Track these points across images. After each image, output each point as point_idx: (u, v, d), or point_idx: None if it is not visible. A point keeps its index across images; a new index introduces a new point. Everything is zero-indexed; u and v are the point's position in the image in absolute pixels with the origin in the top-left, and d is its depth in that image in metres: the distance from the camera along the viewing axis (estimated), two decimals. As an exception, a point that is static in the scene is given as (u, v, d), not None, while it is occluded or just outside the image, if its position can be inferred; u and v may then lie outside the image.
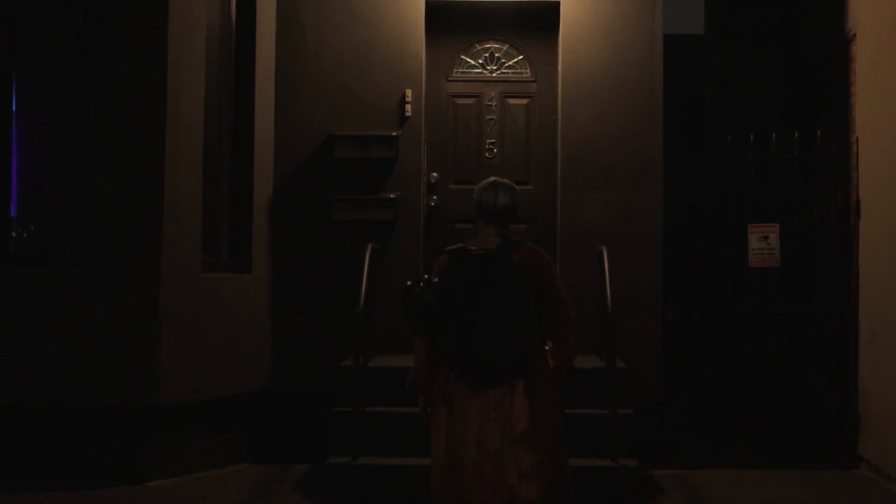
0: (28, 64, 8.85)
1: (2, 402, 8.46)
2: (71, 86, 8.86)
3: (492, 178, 5.91)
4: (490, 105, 10.14)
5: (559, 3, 9.88)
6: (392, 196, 9.75)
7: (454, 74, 10.18)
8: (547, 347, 5.78)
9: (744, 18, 12.74)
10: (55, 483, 8.20)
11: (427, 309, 5.61)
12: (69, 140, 8.88)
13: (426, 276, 5.72)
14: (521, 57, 10.17)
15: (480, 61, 10.18)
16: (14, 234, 8.81)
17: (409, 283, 5.73)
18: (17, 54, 8.79)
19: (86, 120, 8.74)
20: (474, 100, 10.14)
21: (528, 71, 10.17)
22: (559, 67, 9.92)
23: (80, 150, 8.79)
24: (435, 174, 10.01)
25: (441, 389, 5.70)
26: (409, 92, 9.81)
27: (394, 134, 9.80)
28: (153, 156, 8.42)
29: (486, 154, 10.04)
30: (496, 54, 10.18)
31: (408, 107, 9.81)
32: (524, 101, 10.16)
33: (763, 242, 9.79)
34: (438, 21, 10.05)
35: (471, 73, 10.16)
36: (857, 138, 9.47)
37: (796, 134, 9.87)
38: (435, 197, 9.95)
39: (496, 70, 10.15)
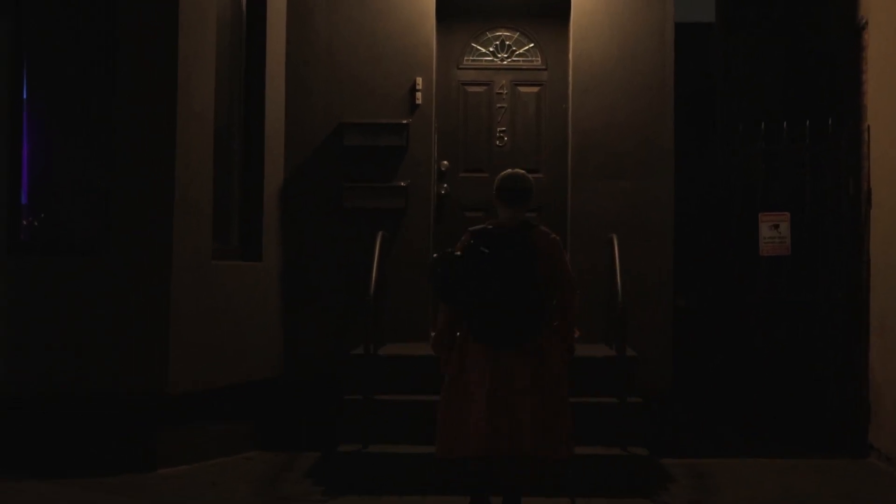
0: (39, 53, 8.84)
1: (12, 390, 8.48)
2: (81, 74, 8.85)
3: (510, 169, 6.85)
4: (501, 93, 10.12)
5: (570, -10, 9.88)
6: (402, 184, 9.75)
7: (465, 62, 10.17)
8: (554, 323, 6.64)
9: (753, 7, 12.69)
10: (66, 472, 8.22)
11: (451, 279, 6.47)
12: (80, 128, 8.87)
13: (450, 250, 6.59)
14: (531, 45, 10.16)
15: (491, 49, 10.17)
16: (25, 223, 8.81)
17: (435, 255, 6.79)
18: (27, 43, 8.78)
19: (97, 108, 8.74)
20: (485, 88, 10.13)
21: (539, 59, 10.15)
22: (570, 55, 9.91)
23: (91, 138, 8.79)
24: (445, 162, 10.01)
25: (459, 349, 6.57)
26: (419, 80, 9.80)
27: (404, 122, 9.80)
28: (164, 144, 8.41)
29: (497, 142, 10.03)
30: (507, 42, 10.16)
31: (418, 95, 9.80)
32: (535, 90, 10.14)
33: (774, 231, 9.78)
34: (449, 9, 10.03)
35: (481, 61, 10.14)
36: (868, 127, 9.45)
37: (807, 123, 9.85)
38: (445, 185, 9.95)
39: (507, 58, 10.13)
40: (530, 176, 6.83)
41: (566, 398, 6.70)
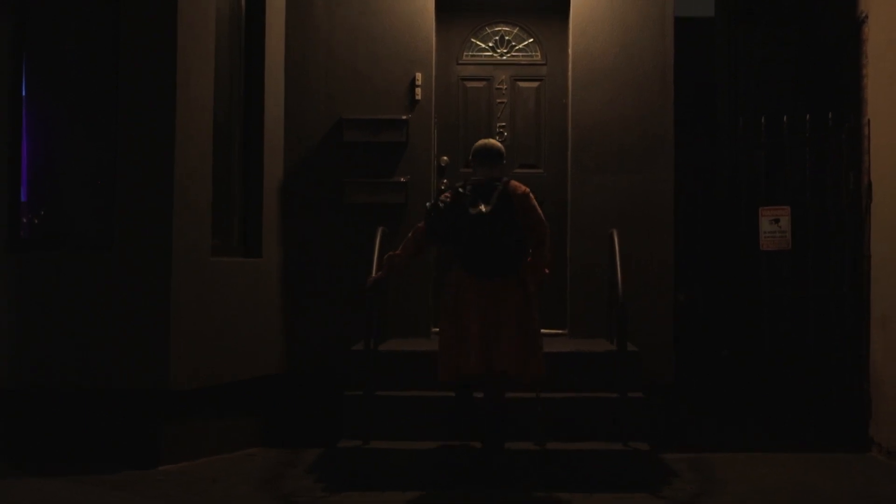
0: (38, 48, 8.84)
1: (13, 386, 8.50)
2: (80, 70, 8.86)
3: (483, 139, 8.14)
4: (500, 88, 10.12)
5: (570, -15, 9.88)
6: (402, 179, 9.75)
7: (464, 58, 10.16)
8: (529, 259, 7.78)
9: (756, 1, 12.68)
10: (67, 468, 8.23)
11: (441, 221, 7.72)
12: (79, 125, 8.87)
13: (440, 199, 7.82)
14: (531, 40, 10.15)
15: (491, 44, 10.16)
16: (25, 220, 8.82)
17: (428, 204, 7.91)
18: (27, 39, 8.79)
19: (96, 105, 8.74)
20: (485, 83, 10.12)
21: (539, 54, 10.14)
22: (570, 50, 9.90)
23: (90, 134, 8.80)
24: (445, 157, 10.00)
25: (453, 281, 7.78)
26: (419, 75, 9.80)
27: (404, 117, 9.79)
28: (163, 140, 8.41)
29: (497, 137, 10.01)
30: (506, 37, 10.16)
31: (418, 90, 9.79)
32: (535, 84, 10.14)
33: (774, 225, 9.77)
34: (448, 4, 10.03)
35: (481, 56, 10.14)
36: (868, 121, 9.44)
37: (808, 117, 9.84)
38: (445, 180, 9.95)
39: (506, 53, 10.13)
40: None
41: (539, 324, 7.80)
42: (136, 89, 8.50)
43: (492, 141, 8.03)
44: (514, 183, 7.82)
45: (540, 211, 7.80)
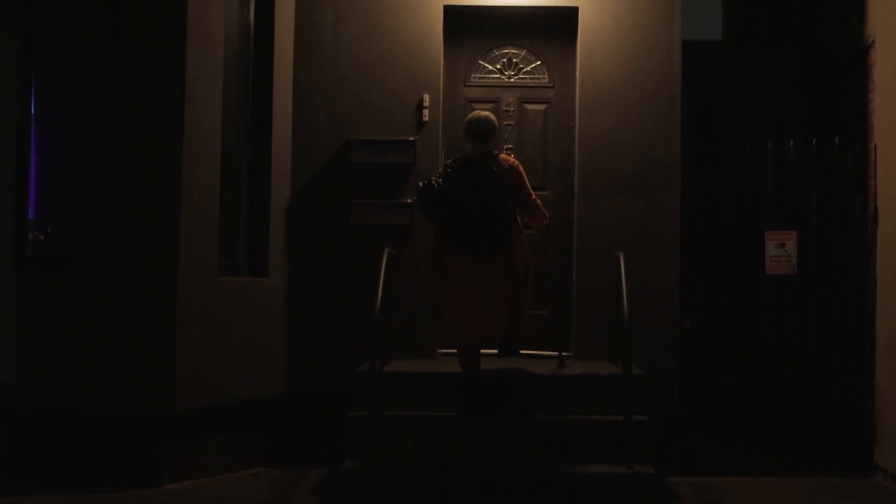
0: (47, 69, 8.86)
1: (18, 404, 8.49)
2: (89, 90, 8.88)
3: (476, 112, 8.69)
4: (507, 110, 10.14)
5: (577, 8, 9.89)
6: (409, 201, 9.75)
7: (472, 80, 10.19)
8: (526, 219, 8.57)
9: (762, 24, 12.71)
10: (72, 486, 8.22)
11: (434, 200, 8.19)
12: (87, 144, 8.89)
13: (432, 178, 8.28)
14: (538, 62, 10.18)
15: (498, 66, 10.19)
16: (32, 237, 8.83)
17: (421, 183, 8.31)
18: (35, 59, 8.81)
19: (104, 124, 8.76)
20: (492, 105, 10.13)
21: (546, 76, 10.17)
22: (577, 73, 9.93)
23: (99, 153, 8.81)
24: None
25: (447, 256, 8.32)
26: (426, 97, 9.83)
27: (411, 139, 9.82)
28: (171, 160, 8.43)
29: (504, 158, 10.04)
30: (514, 59, 10.19)
31: (425, 112, 9.82)
32: (542, 107, 10.16)
33: (780, 249, 9.76)
34: (456, 27, 10.06)
35: (488, 78, 10.17)
36: (875, 146, 9.45)
37: (814, 141, 9.85)
38: (452, 202, 9.95)
39: (514, 75, 10.16)
40: (494, 119, 8.52)
41: (528, 292, 8.45)
42: (145, 109, 8.51)
43: (484, 114, 8.52)
44: (503, 156, 8.45)
45: (528, 185, 8.44)
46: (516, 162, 8.45)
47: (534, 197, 8.46)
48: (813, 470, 9.35)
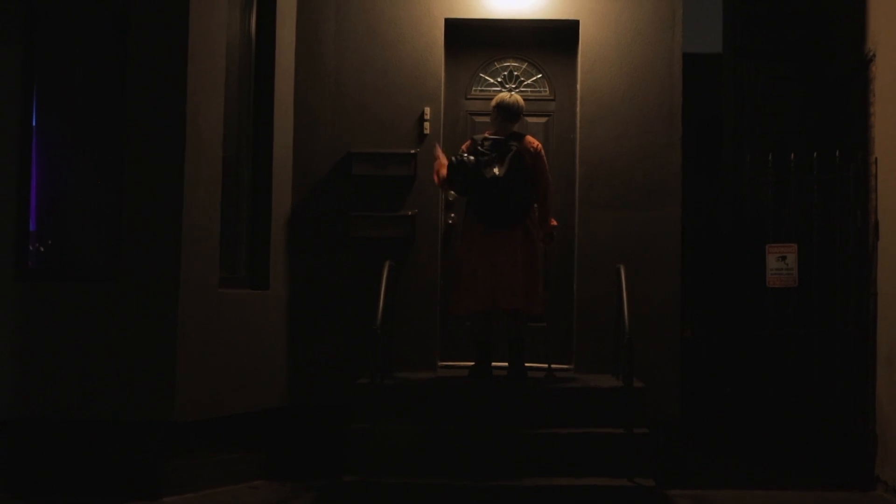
0: (49, 81, 8.88)
1: (17, 416, 8.48)
2: (91, 103, 8.90)
3: (507, 93, 9.26)
4: (509, 123, 10.14)
5: (578, 22, 9.91)
6: (410, 213, 9.77)
7: (473, 92, 10.21)
8: (534, 213, 8.80)
9: (763, 37, 12.73)
10: (71, 499, 8.22)
11: (468, 175, 8.60)
12: (89, 157, 8.90)
13: (462, 154, 8.70)
14: (539, 75, 10.19)
15: (499, 79, 10.21)
16: (33, 249, 8.83)
17: (452, 158, 8.69)
18: (38, 72, 8.82)
19: (106, 137, 8.77)
20: (493, 118, 10.14)
21: (547, 89, 10.19)
22: (578, 86, 9.94)
23: (100, 166, 8.82)
24: (453, 192, 10.01)
25: (466, 229, 8.91)
26: (427, 110, 9.84)
27: (412, 151, 9.83)
28: (173, 173, 8.43)
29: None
30: (515, 72, 10.20)
31: (426, 125, 9.83)
32: (543, 120, 10.17)
33: (781, 262, 9.76)
34: (458, 40, 10.07)
35: (490, 91, 10.16)
36: (875, 159, 9.46)
37: (815, 155, 9.86)
38: (453, 214, 9.95)
39: (515, 88, 10.16)
40: (523, 102, 9.05)
41: (542, 269, 8.84)
42: (146, 122, 8.52)
43: (514, 97, 9.00)
44: (528, 138, 8.93)
45: (547, 168, 8.91)
46: (539, 145, 8.93)
47: (548, 181, 8.86)
48: (814, 483, 9.34)
